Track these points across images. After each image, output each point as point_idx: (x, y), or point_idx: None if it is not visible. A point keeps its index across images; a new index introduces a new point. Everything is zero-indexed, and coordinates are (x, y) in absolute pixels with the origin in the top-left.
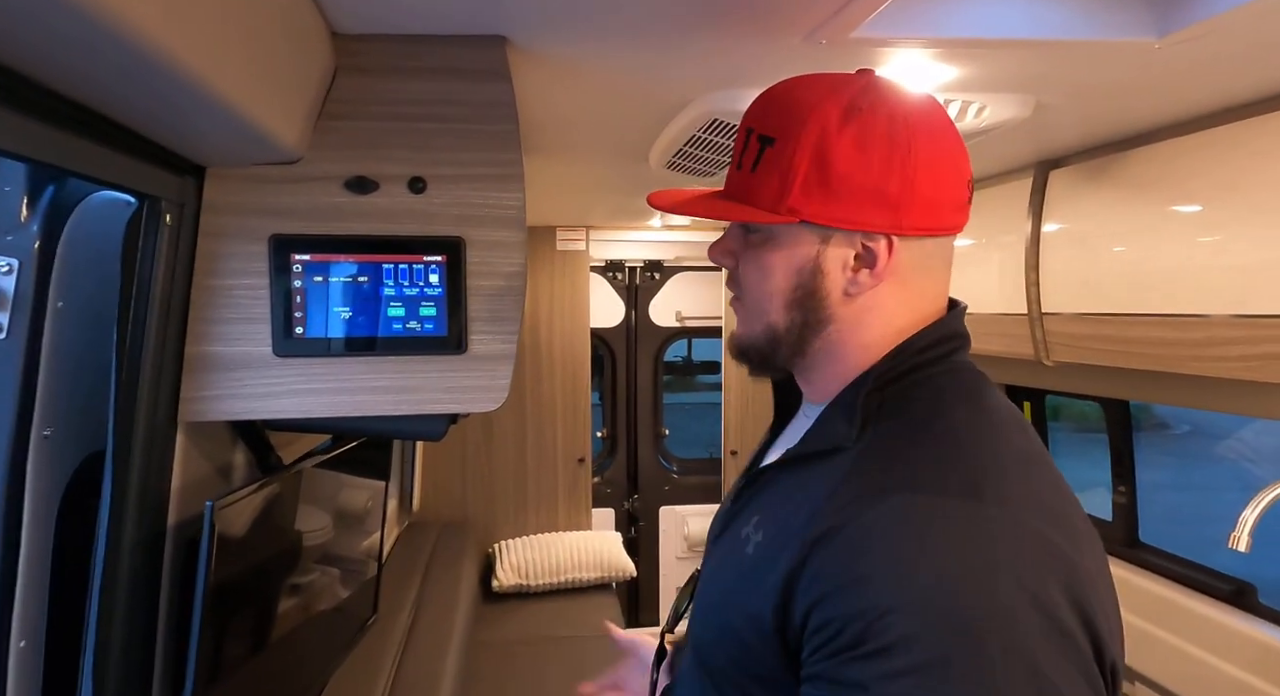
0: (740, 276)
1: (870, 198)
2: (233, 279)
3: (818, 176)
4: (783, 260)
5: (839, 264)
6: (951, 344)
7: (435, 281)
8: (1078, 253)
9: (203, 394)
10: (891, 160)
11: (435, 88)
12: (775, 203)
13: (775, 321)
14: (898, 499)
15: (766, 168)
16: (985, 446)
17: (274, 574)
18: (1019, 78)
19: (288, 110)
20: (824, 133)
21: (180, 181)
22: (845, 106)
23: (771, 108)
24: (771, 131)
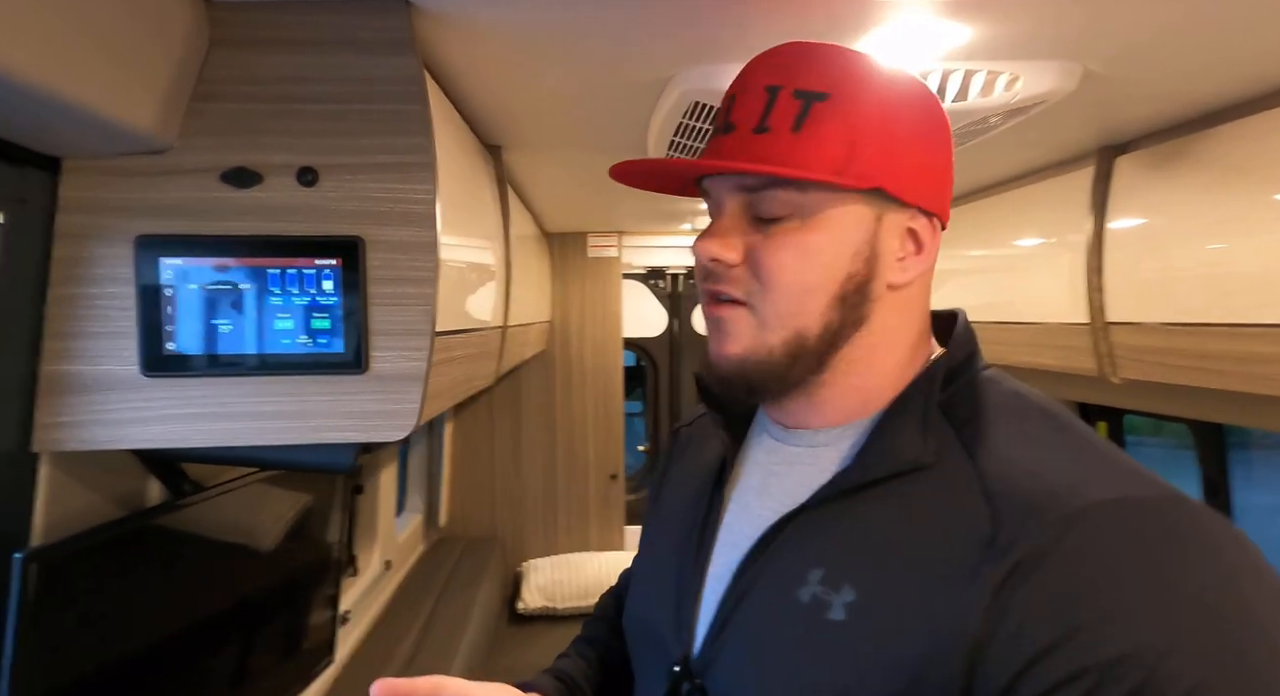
0: (762, 271)
1: (929, 170)
2: (94, 287)
3: (887, 138)
4: (834, 242)
5: (891, 246)
6: (974, 344)
7: (329, 289)
8: (1149, 252)
9: (61, 419)
10: (943, 135)
11: (327, 62)
12: (842, 166)
13: (808, 325)
14: (1105, 510)
15: (822, 125)
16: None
17: (158, 634)
18: (1056, 37)
19: (146, 92)
20: (891, 88)
21: (19, 173)
22: (890, 74)
23: (806, 61)
24: (821, 86)
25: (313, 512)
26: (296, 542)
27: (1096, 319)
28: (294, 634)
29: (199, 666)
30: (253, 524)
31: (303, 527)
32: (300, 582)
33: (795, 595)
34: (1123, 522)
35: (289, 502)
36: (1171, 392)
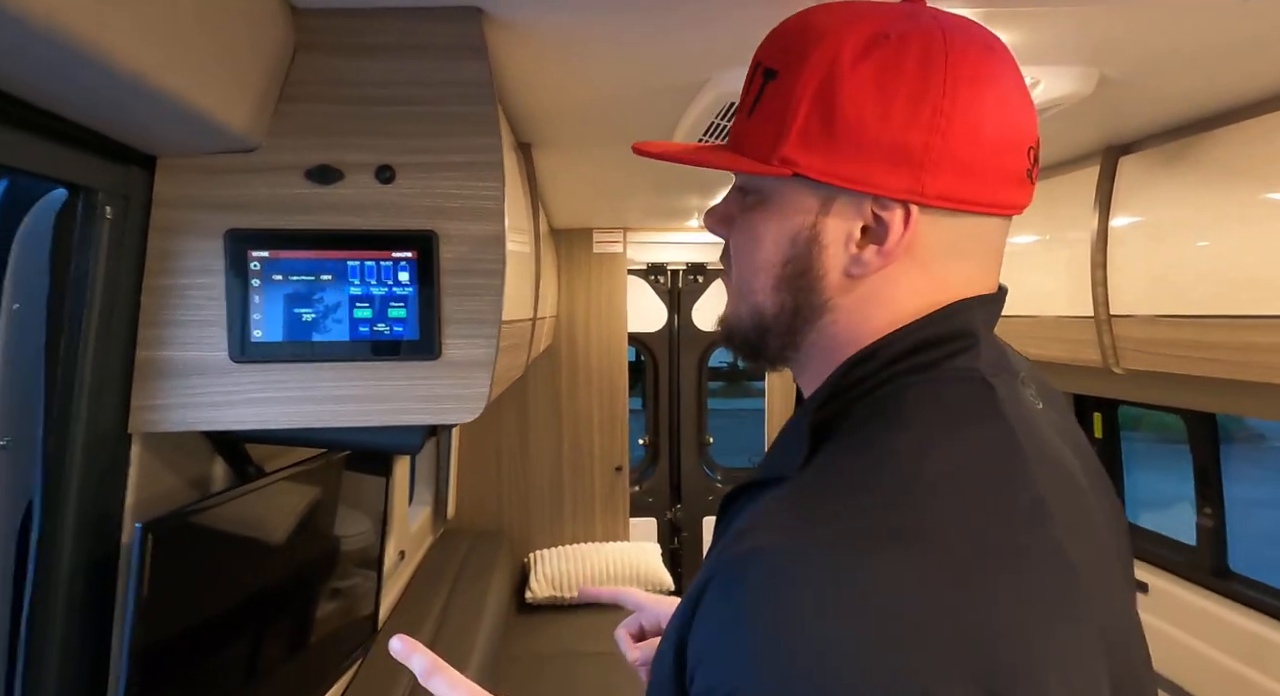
0: (730, 246)
1: (887, 152)
2: (186, 278)
3: (820, 121)
4: (774, 226)
5: (841, 236)
6: (944, 348)
7: (405, 280)
8: (1152, 248)
9: (155, 402)
10: (920, 104)
11: (404, 67)
12: (768, 151)
13: (762, 303)
14: (767, 546)
15: (765, 107)
16: (909, 476)
17: (239, 597)
18: (1078, 45)
19: (241, 94)
20: (834, 64)
21: (123, 171)
22: (870, 34)
23: (781, 34)
24: (773, 62)
25: (362, 497)
26: (344, 523)
27: (1100, 312)
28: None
29: (271, 624)
30: (307, 505)
31: (350, 509)
32: (349, 559)
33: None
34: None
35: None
36: (1172, 383)
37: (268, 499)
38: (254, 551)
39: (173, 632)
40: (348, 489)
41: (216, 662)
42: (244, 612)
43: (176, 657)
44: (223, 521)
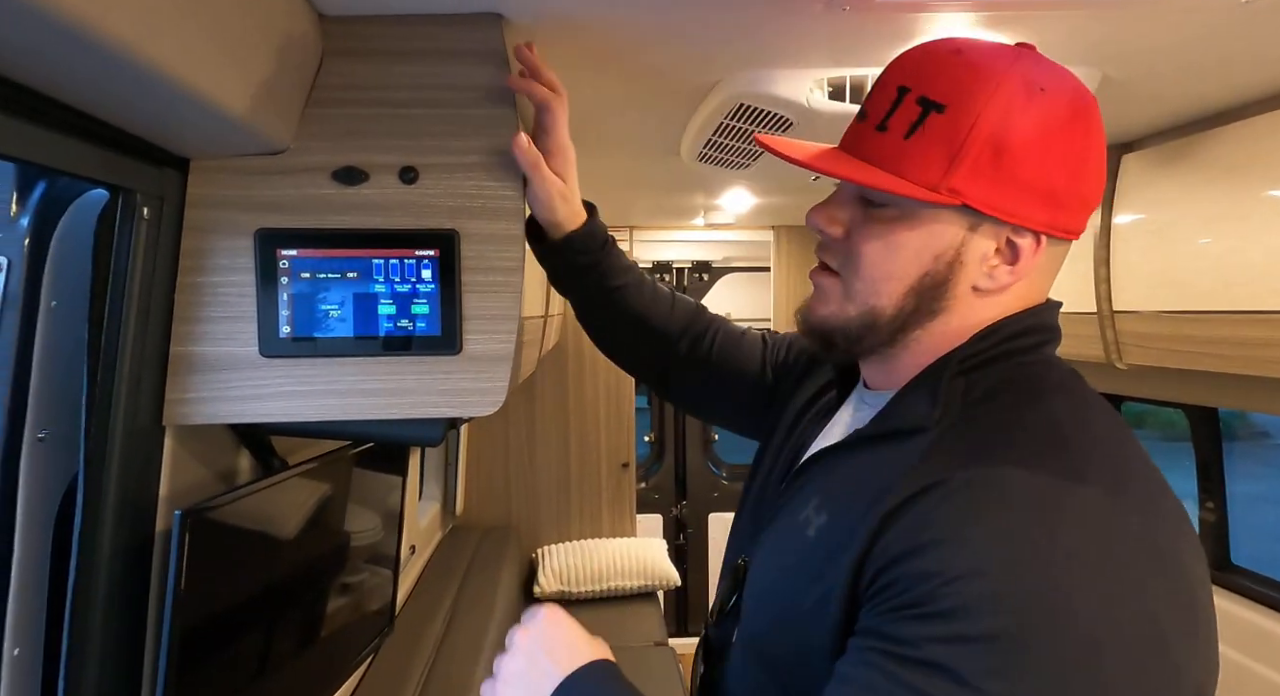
0: (852, 250)
1: (1039, 191)
2: (218, 275)
3: (991, 158)
4: (918, 241)
5: (979, 255)
6: (1043, 336)
7: (428, 277)
8: (1154, 245)
9: (187, 396)
10: (1069, 154)
11: (427, 71)
12: (936, 179)
13: (883, 306)
14: (994, 471)
15: (930, 137)
16: (1088, 436)
17: (265, 585)
18: (1080, 46)
19: (273, 98)
20: (1009, 110)
21: (159, 173)
22: (1027, 82)
23: (941, 68)
24: (941, 96)
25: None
26: (361, 517)
27: (1103, 307)
28: (364, 596)
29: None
30: (329, 498)
31: (367, 504)
32: (365, 552)
33: (800, 515)
34: (983, 483)
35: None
36: (1174, 378)
37: (292, 491)
38: (280, 541)
39: (206, 616)
40: (366, 484)
41: (245, 646)
42: (269, 600)
43: (210, 640)
44: (252, 511)
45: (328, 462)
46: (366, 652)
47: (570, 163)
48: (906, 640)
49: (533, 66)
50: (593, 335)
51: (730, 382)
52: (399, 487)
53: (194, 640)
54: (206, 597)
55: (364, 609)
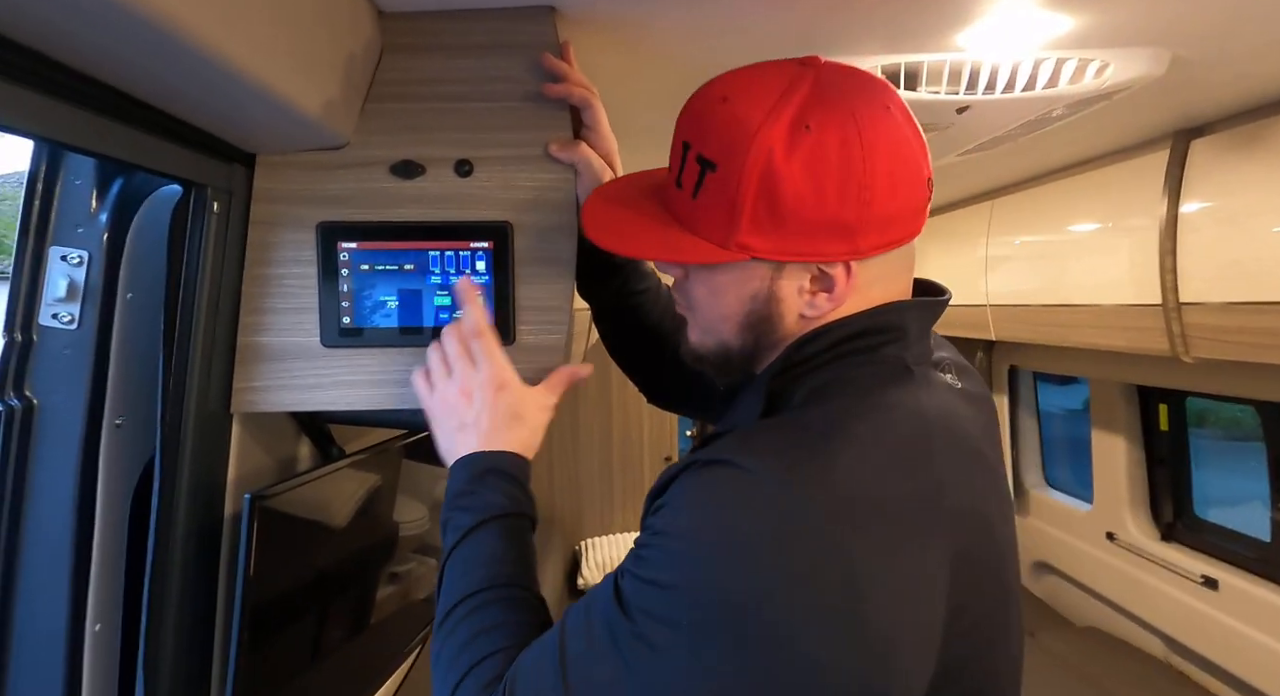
0: (688, 294)
1: (824, 228)
2: (282, 268)
3: (766, 209)
4: (734, 286)
5: (794, 290)
6: (882, 337)
7: (482, 269)
8: (1226, 233)
9: (254, 384)
10: (846, 186)
11: (481, 64)
12: (724, 237)
13: (729, 341)
14: (727, 456)
15: (710, 196)
16: (840, 436)
17: (327, 568)
18: (1151, 26)
19: (336, 94)
20: (770, 162)
21: (228, 169)
22: (791, 124)
23: (709, 122)
24: (712, 155)
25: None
26: (413, 506)
27: (1169, 299)
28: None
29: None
30: (384, 486)
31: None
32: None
33: None
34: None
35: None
36: (1245, 372)
37: (349, 479)
38: (337, 527)
39: (272, 596)
40: (415, 475)
41: (305, 626)
42: (327, 584)
43: (274, 620)
44: (313, 497)
45: (379, 453)
46: (418, 641)
47: (615, 155)
48: (621, 570)
49: (562, 71)
50: (607, 340)
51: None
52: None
53: (261, 619)
54: (272, 578)
55: (413, 597)
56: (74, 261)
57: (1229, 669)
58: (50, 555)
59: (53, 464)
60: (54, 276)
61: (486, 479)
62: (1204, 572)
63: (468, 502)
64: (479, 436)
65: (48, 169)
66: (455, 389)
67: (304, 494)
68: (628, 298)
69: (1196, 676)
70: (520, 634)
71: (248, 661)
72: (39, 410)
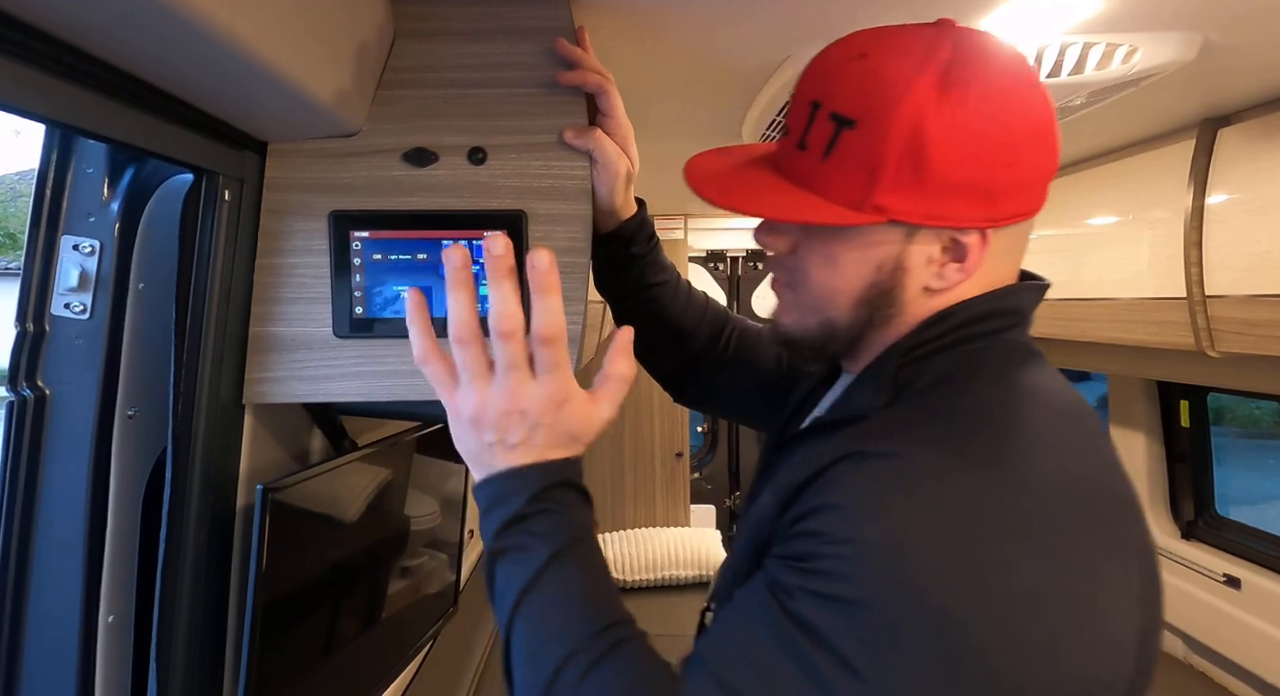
0: (798, 267)
1: (968, 190)
2: (294, 257)
3: (911, 167)
4: (857, 256)
5: (923, 259)
6: (1005, 320)
7: None
8: (1255, 225)
9: (266, 375)
10: (995, 144)
11: (495, 50)
12: (860, 198)
13: (837, 319)
14: (897, 447)
15: (847, 155)
16: (989, 420)
17: (338, 561)
18: (1184, 9)
19: (348, 81)
20: (920, 119)
21: (240, 157)
22: (939, 81)
23: (846, 79)
24: (851, 111)
25: (439, 475)
26: (425, 500)
27: (1194, 292)
28: (424, 579)
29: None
30: (396, 480)
31: (430, 488)
32: (430, 535)
33: (759, 500)
34: (895, 464)
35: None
36: (1273, 367)
37: (361, 472)
38: (349, 520)
39: (284, 588)
40: (426, 469)
41: (317, 619)
42: (339, 576)
43: (286, 611)
44: (326, 489)
45: (391, 445)
46: (430, 635)
47: (632, 143)
48: (785, 587)
49: (577, 57)
50: None
51: (744, 379)
52: (459, 473)
53: (273, 610)
54: (284, 570)
55: (425, 591)
56: (86, 251)
57: (1251, 669)
58: (63, 546)
59: (65, 454)
60: (66, 266)
61: (553, 495)
62: (1226, 571)
63: (537, 527)
64: (528, 453)
65: (59, 158)
66: (503, 401)
67: (316, 486)
68: (645, 290)
69: (1218, 677)
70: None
71: (260, 653)
72: (51, 400)
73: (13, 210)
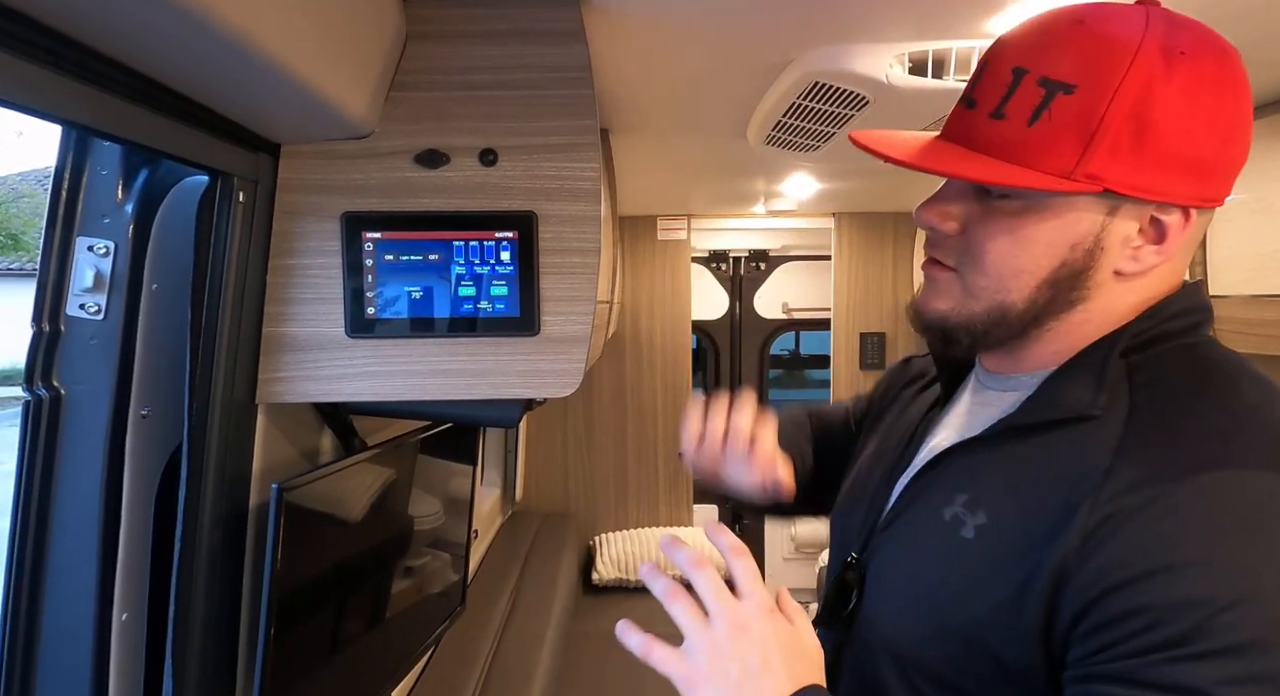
0: (973, 245)
1: (1186, 163)
2: (307, 258)
3: (1132, 136)
4: (1051, 233)
5: (1121, 238)
6: (1200, 315)
7: (506, 259)
8: (1261, 225)
9: (279, 375)
10: (1218, 117)
11: (506, 52)
12: (1070, 166)
13: (1013, 300)
14: (1219, 475)
15: (1059, 121)
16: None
17: (349, 560)
18: (1189, 9)
19: (361, 83)
20: (1149, 81)
21: (254, 158)
22: (1165, 48)
23: (1063, 44)
24: (1068, 76)
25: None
26: (434, 499)
27: None
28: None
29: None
30: (404, 480)
31: (438, 487)
32: (438, 533)
33: (941, 512)
34: (1222, 492)
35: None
36: (1275, 367)
37: (371, 472)
38: (360, 519)
39: (297, 585)
40: (430, 470)
41: (328, 616)
42: (350, 574)
43: (299, 608)
44: (338, 488)
45: (398, 446)
46: (438, 634)
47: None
48: (1193, 688)
49: None
50: None
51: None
52: (465, 474)
53: (286, 608)
54: (297, 567)
55: (431, 590)
56: (100, 252)
57: None
58: (77, 545)
59: (80, 453)
60: (81, 267)
61: None
62: None
63: None
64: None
65: (74, 159)
66: (724, 626)
67: (328, 485)
68: None
69: None
70: None
71: (275, 650)
72: (66, 400)
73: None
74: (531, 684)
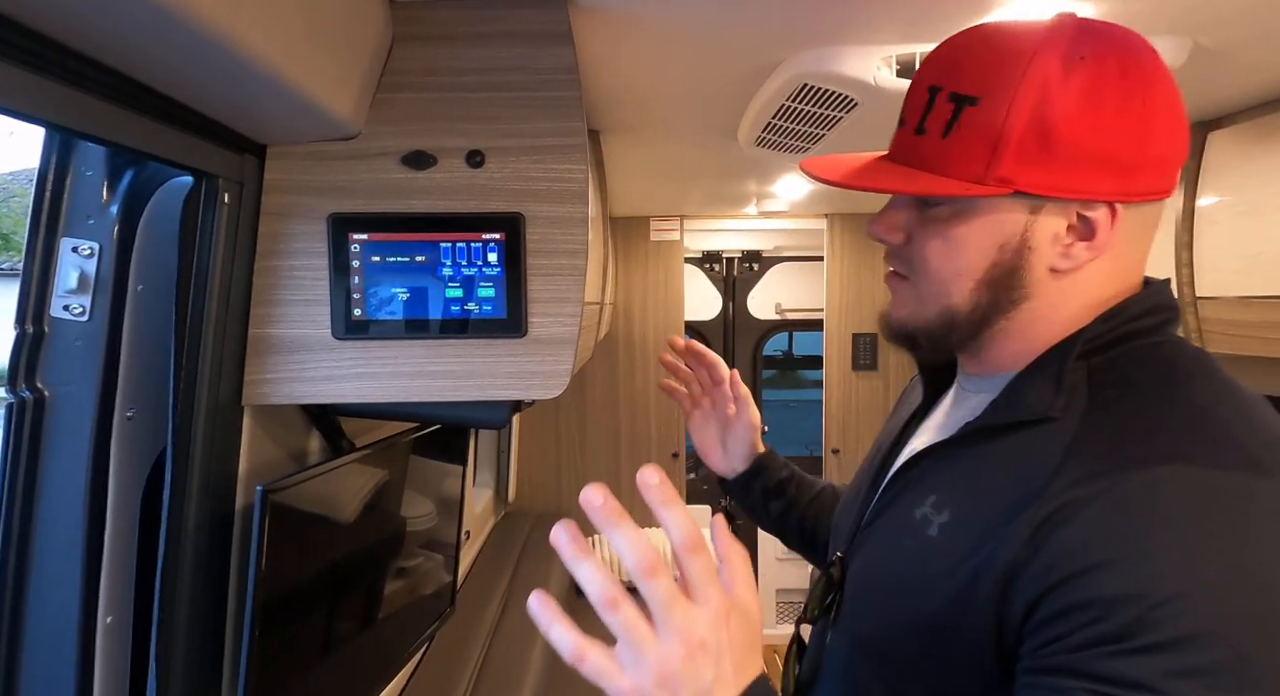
0: (915, 254)
1: (1096, 161)
2: (293, 259)
3: (1036, 140)
4: (979, 235)
5: (1049, 237)
6: (1164, 315)
7: (494, 260)
8: (1244, 227)
9: (265, 376)
10: (1126, 115)
11: (493, 54)
12: (982, 171)
13: (957, 304)
14: (1165, 470)
15: (968, 130)
16: (1245, 418)
17: (336, 562)
18: (1174, 13)
19: (347, 84)
20: (1045, 87)
21: (239, 159)
22: (1065, 54)
23: (968, 60)
24: (972, 89)
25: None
26: (423, 501)
27: (1185, 294)
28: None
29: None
30: (393, 481)
31: (428, 489)
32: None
33: (913, 512)
34: (1169, 485)
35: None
36: (1262, 368)
37: (359, 473)
38: (347, 521)
39: (283, 588)
40: (422, 471)
41: (315, 619)
42: (338, 576)
43: (285, 611)
44: (324, 490)
45: (388, 447)
46: (427, 635)
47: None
48: (1136, 682)
49: None
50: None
51: None
52: (456, 474)
53: (272, 610)
54: (284, 570)
55: (422, 591)
56: (85, 253)
57: None
58: (62, 547)
59: (64, 455)
60: (65, 268)
61: None
62: None
63: None
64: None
65: (59, 160)
66: (678, 646)
67: (315, 487)
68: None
69: None
70: None
71: (259, 653)
72: (50, 402)
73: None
74: (522, 686)
